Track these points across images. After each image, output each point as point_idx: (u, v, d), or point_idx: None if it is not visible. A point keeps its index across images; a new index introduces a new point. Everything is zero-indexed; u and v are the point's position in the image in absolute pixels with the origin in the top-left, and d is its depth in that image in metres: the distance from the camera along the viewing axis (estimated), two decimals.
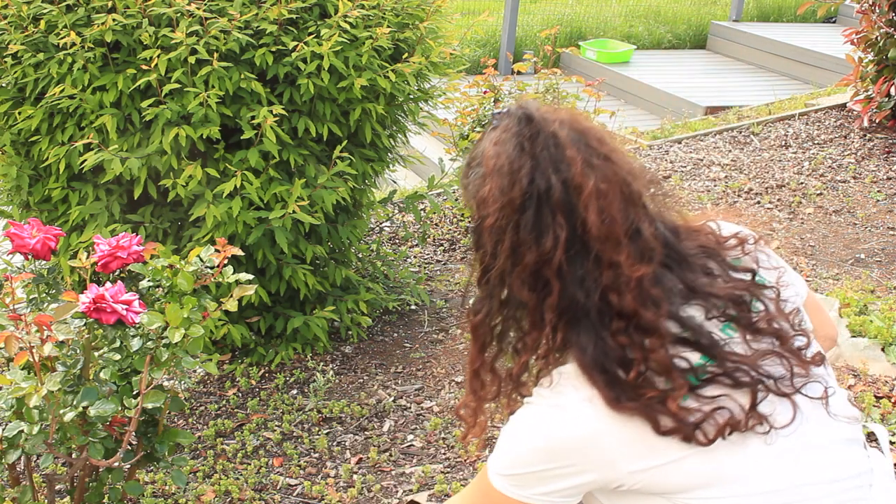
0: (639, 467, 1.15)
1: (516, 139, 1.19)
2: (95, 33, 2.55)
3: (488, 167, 1.20)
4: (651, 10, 9.91)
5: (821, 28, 9.09)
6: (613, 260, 1.15)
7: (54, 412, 1.60)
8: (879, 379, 2.71)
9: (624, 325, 1.15)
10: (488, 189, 1.19)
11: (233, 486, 2.37)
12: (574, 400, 1.16)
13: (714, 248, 1.27)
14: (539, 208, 1.16)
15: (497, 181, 1.18)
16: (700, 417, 1.12)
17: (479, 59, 5.45)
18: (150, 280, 1.78)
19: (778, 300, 1.25)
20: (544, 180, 1.16)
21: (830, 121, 5.25)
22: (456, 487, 2.32)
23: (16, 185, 2.88)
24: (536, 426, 1.19)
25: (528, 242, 1.17)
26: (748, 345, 1.19)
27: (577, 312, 1.17)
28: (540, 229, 1.16)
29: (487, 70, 4.00)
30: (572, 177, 1.16)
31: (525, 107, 1.23)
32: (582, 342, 1.17)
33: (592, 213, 1.15)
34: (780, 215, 4.08)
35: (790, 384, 1.18)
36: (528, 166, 1.17)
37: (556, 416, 1.17)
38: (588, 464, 1.16)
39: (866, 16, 4.85)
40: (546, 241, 1.15)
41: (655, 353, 1.14)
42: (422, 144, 5.60)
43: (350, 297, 3.09)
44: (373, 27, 2.77)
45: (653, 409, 1.12)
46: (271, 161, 2.69)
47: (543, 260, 1.16)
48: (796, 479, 1.16)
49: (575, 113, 1.25)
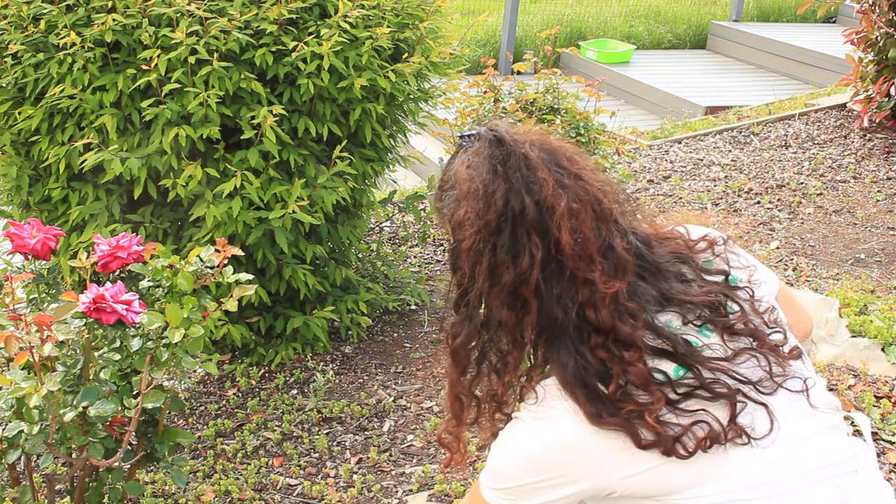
0: (627, 473, 1.16)
1: (489, 162, 1.21)
2: (95, 33, 2.55)
3: (462, 190, 1.22)
4: (651, 10, 9.91)
5: (821, 28, 9.09)
6: (588, 277, 1.18)
7: (54, 412, 1.60)
8: (879, 379, 2.71)
9: (602, 340, 1.18)
10: (463, 212, 1.21)
11: (233, 486, 2.37)
12: (560, 412, 1.18)
13: (685, 253, 1.30)
14: (514, 229, 1.18)
15: (472, 204, 1.20)
16: (679, 431, 1.14)
17: (479, 59, 5.45)
18: (150, 280, 1.78)
19: (752, 300, 1.27)
20: (518, 202, 1.18)
21: (830, 121, 5.25)
22: (456, 487, 2.32)
23: (16, 185, 2.88)
24: (525, 439, 1.21)
25: (505, 263, 1.19)
26: (726, 346, 1.21)
27: (556, 330, 1.19)
28: (516, 249, 1.18)
29: (487, 70, 4.00)
30: (545, 197, 1.18)
31: (495, 129, 1.25)
32: (562, 359, 1.19)
33: (566, 233, 1.17)
34: (780, 215, 4.08)
35: (771, 383, 1.21)
36: (501, 188, 1.19)
37: (543, 428, 1.19)
38: (578, 473, 1.18)
39: (866, 16, 4.85)
40: (523, 261, 1.18)
41: (634, 365, 1.16)
42: (422, 144, 5.60)
43: (350, 297, 3.09)
44: (373, 27, 2.77)
45: (632, 423, 1.14)
46: (271, 161, 2.69)
47: (521, 279, 1.18)
48: (783, 471, 1.18)
49: (544, 133, 1.27)
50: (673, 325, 1.21)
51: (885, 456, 2.36)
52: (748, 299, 1.27)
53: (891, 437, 2.44)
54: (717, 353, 1.20)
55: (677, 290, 1.23)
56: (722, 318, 1.23)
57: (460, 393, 1.32)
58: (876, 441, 2.42)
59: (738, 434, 1.16)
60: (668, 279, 1.24)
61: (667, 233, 1.33)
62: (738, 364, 1.20)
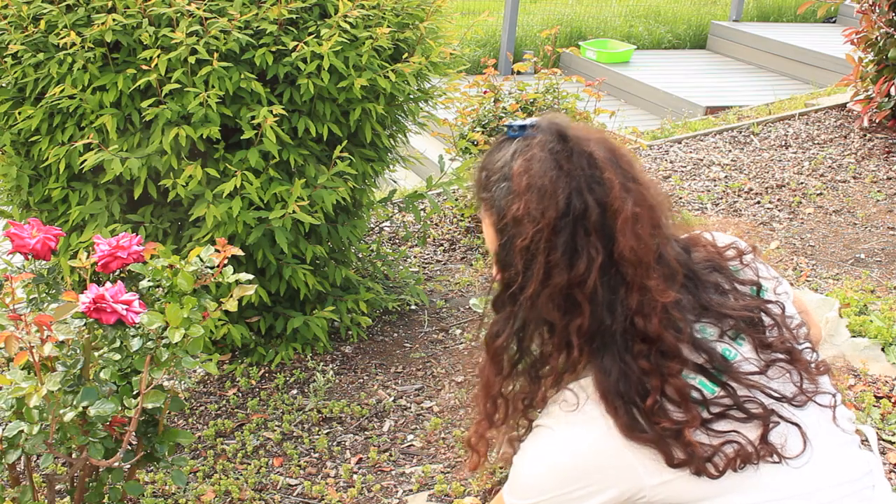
0: (658, 481, 1.15)
1: (552, 157, 1.15)
2: (95, 33, 2.55)
3: (520, 184, 1.16)
4: (651, 10, 9.91)
5: (821, 28, 9.09)
6: (644, 284, 1.14)
7: (54, 412, 1.60)
8: (879, 379, 2.71)
9: (646, 349, 1.15)
10: (522, 208, 1.15)
11: (233, 486, 2.37)
12: (594, 417, 1.15)
13: (718, 262, 1.27)
14: (575, 230, 1.14)
15: (531, 200, 1.14)
16: (710, 452, 1.13)
17: (479, 59, 5.45)
18: (150, 280, 1.78)
19: (784, 315, 1.25)
20: (581, 202, 1.13)
21: (830, 121, 5.25)
22: (456, 487, 2.32)
23: (16, 185, 2.88)
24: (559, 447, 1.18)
25: (561, 264, 1.14)
26: (760, 358, 1.19)
27: (604, 335, 1.16)
28: (575, 251, 1.14)
29: (487, 70, 4.00)
30: (611, 200, 1.14)
31: (557, 123, 1.19)
32: (605, 365, 1.15)
33: (628, 238, 1.13)
34: (780, 215, 4.08)
35: (803, 397, 1.19)
36: (565, 187, 1.14)
37: (576, 434, 1.17)
38: (611, 479, 1.16)
39: (866, 16, 4.85)
40: (580, 264, 1.13)
41: (675, 378, 1.13)
42: (422, 144, 5.60)
43: (350, 297, 3.09)
44: (373, 27, 2.77)
45: (665, 441, 1.12)
46: (271, 161, 2.69)
47: (576, 282, 1.14)
48: (812, 484, 1.18)
49: (602, 132, 1.23)
50: (708, 334, 1.19)
51: (885, 456, 2.36)
52: (780, 314, 1.25)
53: (891, 437, 2.44)
54: (752, 367, 1.19)
55: (716, 302, 1.21)
56: (758, 333, 1.21)
57: (497, 394, 1.28)
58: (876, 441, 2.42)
59: (770, 453, 1.14)
60: (707, 289, 1.22)
61: (697, 238, 1.31)
62: (772, 379, 1.19)
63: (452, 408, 2.75)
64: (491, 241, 1.23)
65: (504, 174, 1.19)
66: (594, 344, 1.17)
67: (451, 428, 2.64)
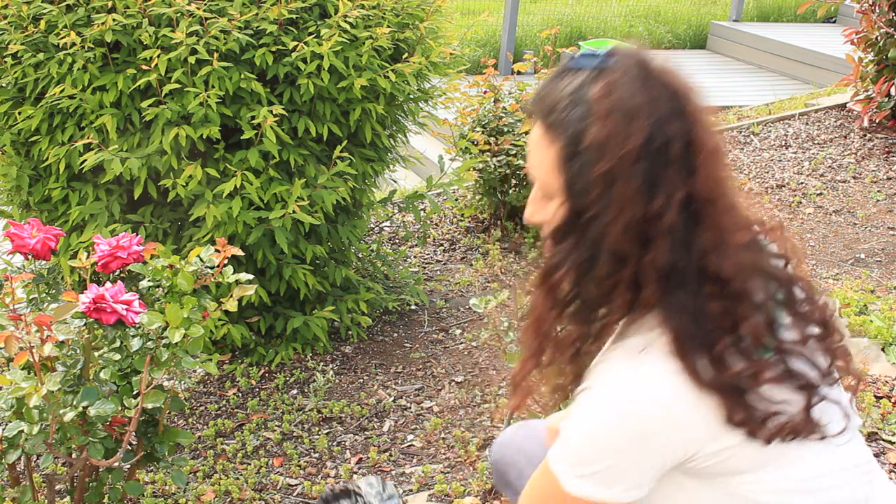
0: (717, 446, 1.11)
1: (636, 84, 1.10)
2: (95, 33, 2.55)
3: (601, 109, 1.09)
4: (651, 10, 9.91)
5: (821, 28, 9.08)
6: (719, 223, 1.10)
7: (54, 412, 1.60)
8: (879, 379, 2.71)
9: (718, 290, 1.10)
10: (605, 133, 1.08)
11: (233, 486, 2.37)
12: (662, 371, 1.10)
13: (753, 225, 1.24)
14: (656, 161, 1.08)
15: (614, 125, 1.08)
16: (765, 415, 1.10)
17: (479, 59, 5.44)
18: (150, 280, 1.78)
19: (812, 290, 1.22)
20: (663, 133, 1.08)
21: (830, 121, 5.25)
22: (456, 487, 2.32)
23: (16, 185, 2.88)
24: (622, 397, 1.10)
25: (641, 193, 1.08)
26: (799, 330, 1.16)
27: (677, 273, 1.10)
28: (654, 183, 1.08)
29: (487, 70, 4.00)
30: (695, 134, 1.10)
31: (638, 52, 1.15)
32: (676, 305, 1.10)
33: (708, 173, 1.10)
34: (780, 215, 4.08)
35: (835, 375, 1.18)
36: (649, 114, 1.09)
37: (643, 382, 1.10)
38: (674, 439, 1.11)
39: (866, 16, 4.85)
40: (658, 197, 1.08)
41: (749, 320, 1.10)
42: (422, 144, 5.60)
43: (350, 297, 3.09)
44: (373, 27, 2.77)
45: (731, 393, 1.08)
46: (271, 161, 2.69)
47: (654, 215, 1.09)
48: (837, 463, 1.18)
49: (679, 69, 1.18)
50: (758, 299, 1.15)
51: (884, 456, 2.36)
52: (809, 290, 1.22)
53: (891, 437, 2.44)
54: (794, 336, 1.15)
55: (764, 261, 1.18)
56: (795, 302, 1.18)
57: (546, 330, 1.21)
58: (876, 441, 2.42)
59: (814, 429, 1.13)
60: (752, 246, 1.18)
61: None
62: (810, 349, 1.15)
63: (452, 408, 2.75)
64: (548, 169, 1.15)
65: (577, 99, 1.12)
66: (665, 281, 1.11)
67: (451, 428, 2.64)
